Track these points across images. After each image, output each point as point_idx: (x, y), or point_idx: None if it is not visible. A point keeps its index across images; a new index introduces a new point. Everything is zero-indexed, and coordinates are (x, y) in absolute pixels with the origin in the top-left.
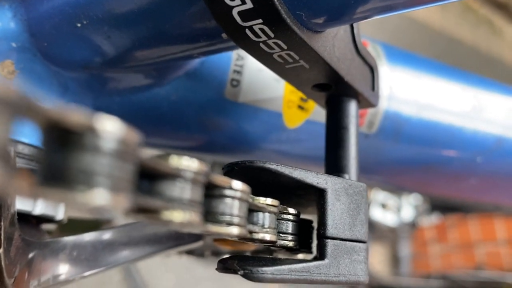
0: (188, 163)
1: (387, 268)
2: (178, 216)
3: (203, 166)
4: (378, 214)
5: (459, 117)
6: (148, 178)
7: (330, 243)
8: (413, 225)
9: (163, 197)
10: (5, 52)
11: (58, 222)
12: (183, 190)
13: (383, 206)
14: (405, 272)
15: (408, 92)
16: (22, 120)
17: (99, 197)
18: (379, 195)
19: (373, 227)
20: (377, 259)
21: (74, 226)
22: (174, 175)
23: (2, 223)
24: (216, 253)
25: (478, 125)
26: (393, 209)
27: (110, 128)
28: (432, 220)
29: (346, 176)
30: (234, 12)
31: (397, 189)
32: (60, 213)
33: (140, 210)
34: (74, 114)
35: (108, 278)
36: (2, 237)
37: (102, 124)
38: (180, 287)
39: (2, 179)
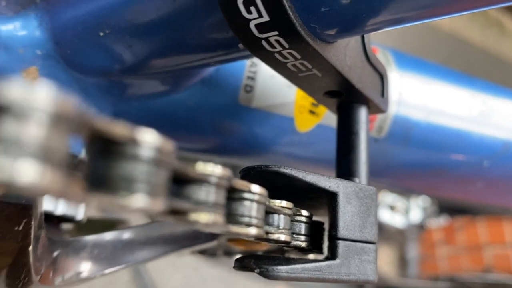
0: (212, 169)
1: (395, 269)
2: (204, 218)
3: (226, 172)
4: (387, 216)
5: (467, 121)
6: (177, 183)
7: (341, 244)
8: (421, 227)
9: (191, 200)
10: (30, 59)
11: (78, 222)
12: (208, 194)
13: (392, 208)
14: (413, 274)
15: (417, 98)
16: (76, 133)
17: (139, 202)
18: (387, 197)
19: (382, 229)
20: (385, 261)
21: (90, 226)
22: (200, 180)
23: (32, 222)
24: (227, 252)
25: (486, 129)
26: (402, 211)
27: (149, 138)
28: (440, 222)
29: (357, 180)
30: (251, 25)
31: (406, 192)
32: (80, 214)
33: (170, 212)
34: (118, 126)
35: (116, 277)
36: (32, 236)
37: (142, 135)
38: (188, 286)
39: (63, 186)
